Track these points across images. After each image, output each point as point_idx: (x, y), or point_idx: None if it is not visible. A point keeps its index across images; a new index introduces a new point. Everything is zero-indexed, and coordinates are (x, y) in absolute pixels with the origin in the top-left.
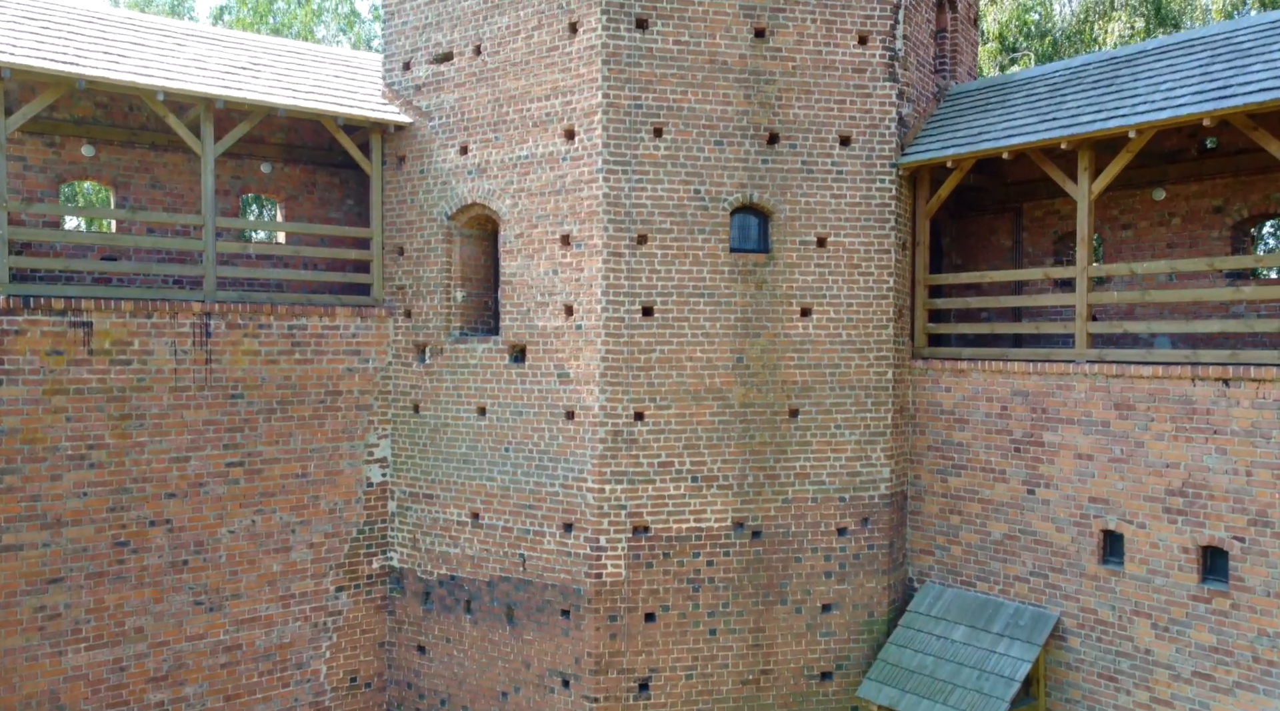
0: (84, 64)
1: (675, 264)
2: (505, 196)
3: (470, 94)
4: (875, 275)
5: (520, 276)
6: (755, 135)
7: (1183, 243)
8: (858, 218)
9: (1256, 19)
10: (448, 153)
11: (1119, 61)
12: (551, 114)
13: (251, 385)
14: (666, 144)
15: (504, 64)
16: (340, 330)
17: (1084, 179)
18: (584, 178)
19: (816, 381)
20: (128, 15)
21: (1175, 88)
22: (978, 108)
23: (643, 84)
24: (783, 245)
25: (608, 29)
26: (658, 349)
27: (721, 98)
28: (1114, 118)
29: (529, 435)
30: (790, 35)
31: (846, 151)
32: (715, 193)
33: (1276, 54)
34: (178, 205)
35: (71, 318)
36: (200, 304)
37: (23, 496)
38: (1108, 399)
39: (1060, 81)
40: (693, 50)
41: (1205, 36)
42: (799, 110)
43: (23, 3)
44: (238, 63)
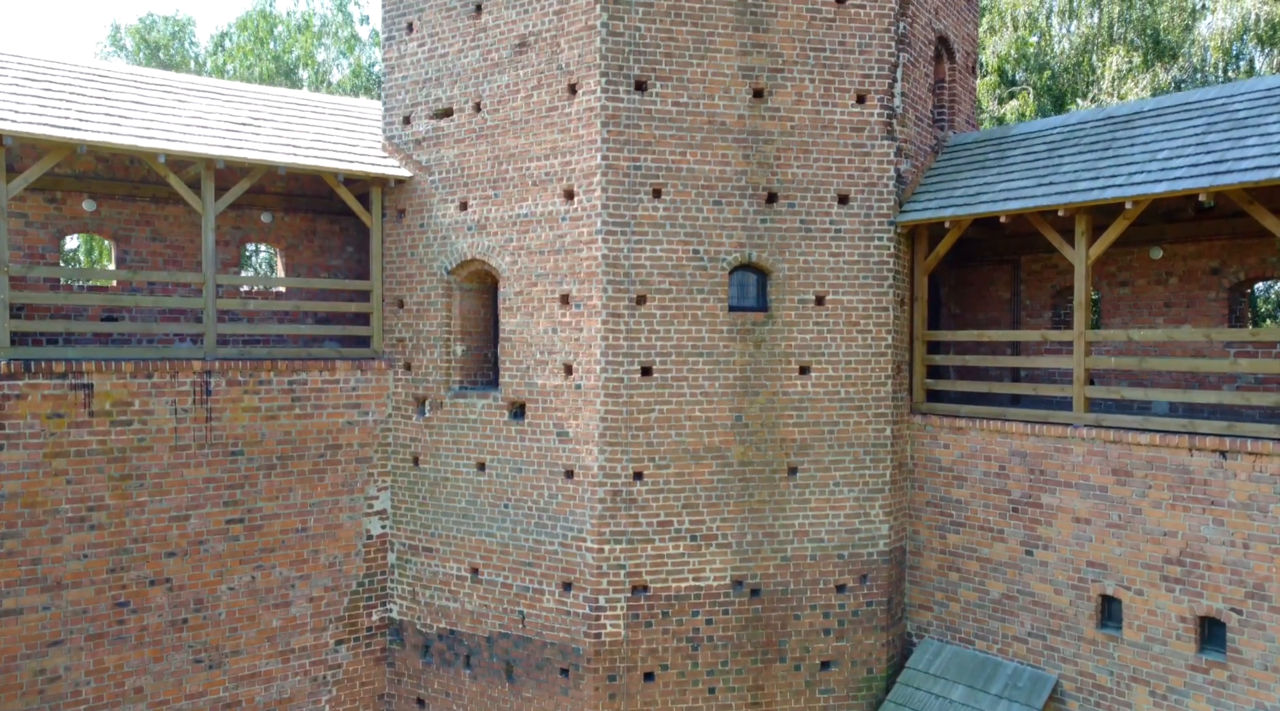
0: (86, 127)
1: (674, 324)
2: (505, 254)
3: (470, 150)
4: (873, 332)
5: (520, 334)
6: (754, 195)
7: (1180, 302)
8: (856, 275)
9: (1251, 85)
10: (448, 208)
11: (1116, 122)
12: (551, 173)
13: (252, 441)
14: (665, 204)
15: (503, 122)
16: (340, 384)
17: (1081, 243)
18: (583, 238)
19: (815, 439)
20: (130, 72)
21: (1172, 157)
22: (975, 163)
23: (642, 145)
24: (781, 304)
25: (607, 91)
26: (657, 408)
27: (720, 158)
28: (1111, 186)
29: (528, 492)
30: (789, 95)
31: (845, 210)
32: (714, 252)
33: (1272, 127)
34: (178, 257)
35: (72, 380)
36: (201, 362)
37: (23, 560)
38: (1105, 464)
39: (1058, 139)
40: (692, 111)
41: (1201, 101)
42: (797, 169)
43: (26, 62)
44: (238, 118)
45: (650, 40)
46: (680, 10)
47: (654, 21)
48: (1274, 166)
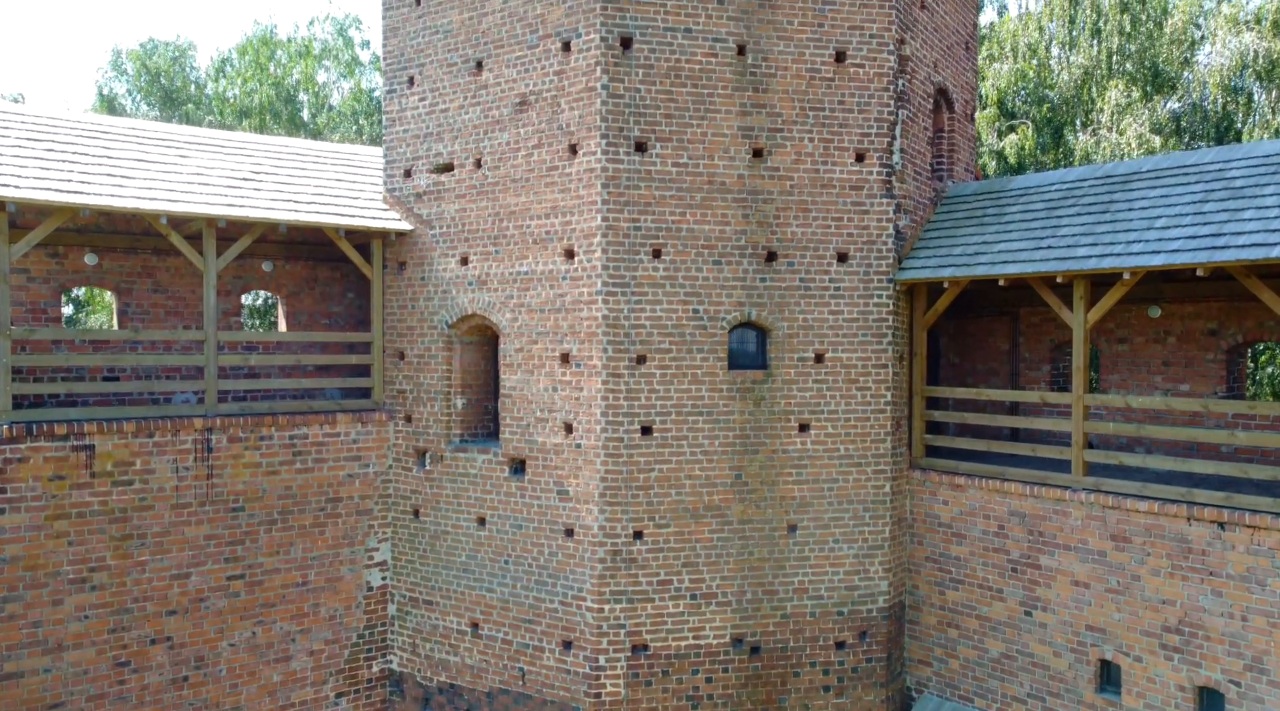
0: (88, 190)
1: (674, 383)
2: (505, 310)
3: (471, 206)
4: (873, 389)
5: (520, 391)
6: (753, 254)
7: (1178, 361)
8: (855, 333)
9: (1248, 151)
10: (448, 262)
11: (1114, 182)
12: (551, 232)
13: (252, 497)
14: (665, 264)
15: (504, 179)
16: (341, 437)
17: (1079, 307)
18: (583, 298)
19: (815, 496)
20: (131, 127)
21: (1169, 226)
22: (974, 218)
23: (642, 206)
24: (781, 362)
25: (607, 153)
26: (657, 467)
27: (720, 217)
28: (1109, 255)
29: (528, 549)
30: (788, 154)
31: (844, 268)
32: (714, 312)
33: (1269, 199)
34: (180, 308)
35: (74, 442)
36: (202, 419)
37: (24, 623)
38: (1104, 529)
39: (1057, 197)
40: (691, 172)
41: (1198, 166)
42: (797, 228)
43: (29, 120)
44: (240, 172)
45: (650, 102)
46: (680, 72)
47: (654, 83)
48: (1270, 244)
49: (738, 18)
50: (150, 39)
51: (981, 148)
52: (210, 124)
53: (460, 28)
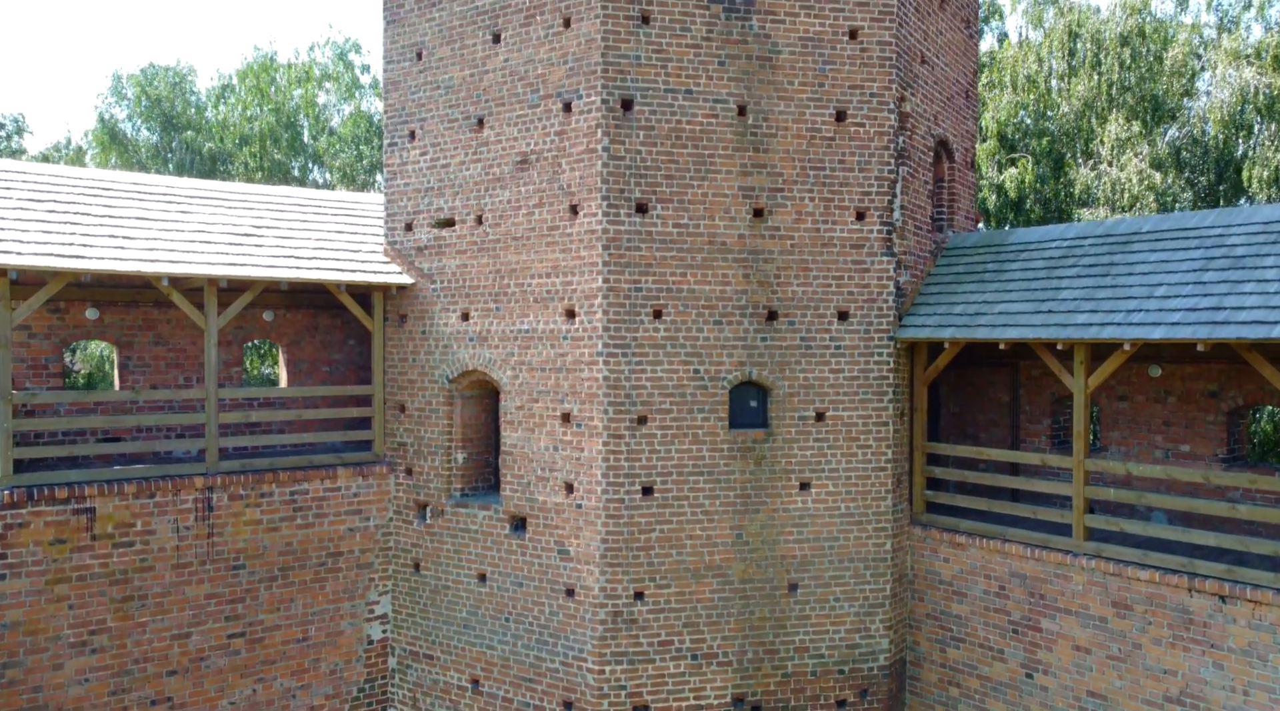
0: (90, 253)
1: (675, 443)
2: (506, 367)
3: (472, 262)
4: (874, 447)
5: (521, 448)
6: (754, 313)
7: (1179, 422)
8: (856, 391)
9: (1248, 216)
10: (449, 317)
11: (1114, 242)
12: (552, 292)
13: (253, 554)
14: (666, 325)
15: (505, 237)
16: (341, 491)
17: (1080, 373)
18: (584, 359)
19: (815, 555)
20: (133, 182)
21: (1170, 295)
22: (974, 274)
23: (643, 267)
24: (781, 421)
25: (608, 214)
26: (657, 528)
27: (721, 278)
28: (1109, 324)
29: (529, 607)
30: (789, 214)
31: (844, 326)
32: (714, 371)
33: (1269, 271)
34: (181, 360)
35: (75, 505)
36: (203, 478)
37: (24, 688)
38: (1105, 595)
39: (1057, 256)
40: (692, 232)
41: (1199, 229)
42: (797, 287)
43: (30, 179)
44: (241, 227)
45: (651, 163)
46: (681, 133)
47: (655, 144)
48: (1271, 322)
49: (738, 78)
50: (151, 64)
51: (981, 180)
52: (210, 150)
53: (461, 84)
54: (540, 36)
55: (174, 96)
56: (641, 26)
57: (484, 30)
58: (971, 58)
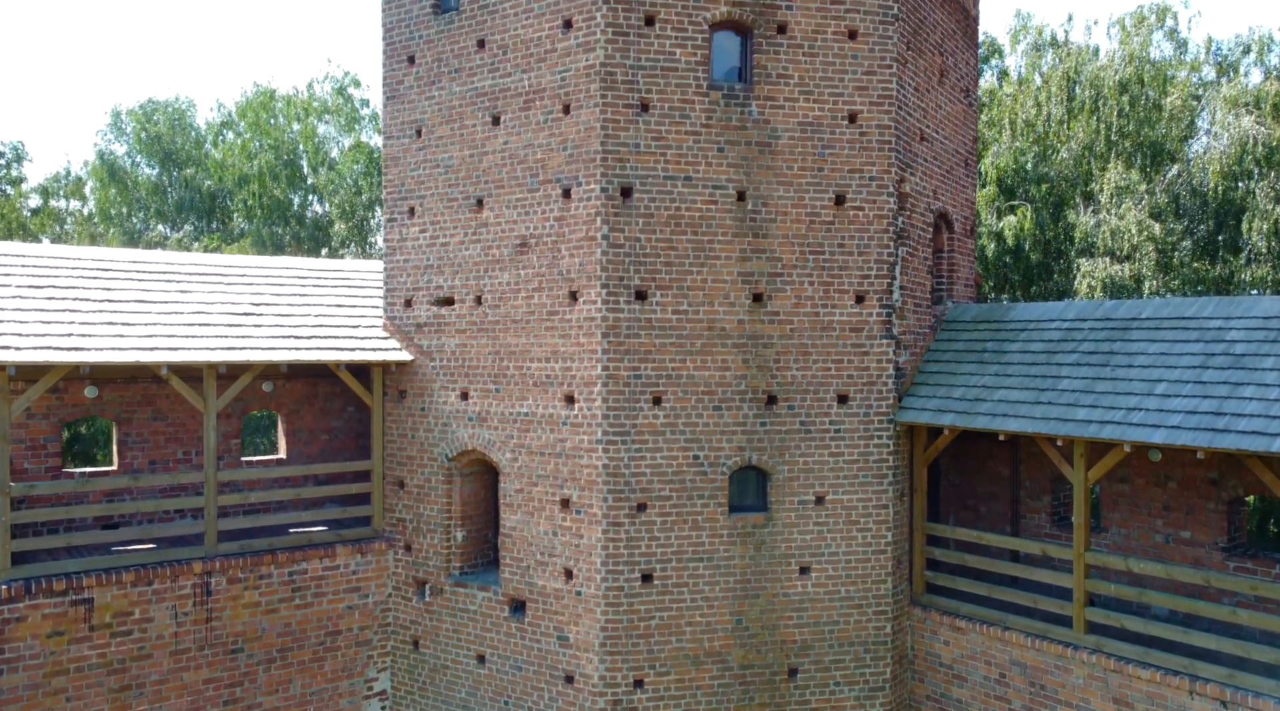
0: (89, 344)
1: (675, 530)
2: (505, 449)
3: (471, 342)
4: (873, 530)
5: (520, 532)
6: (754, 398)
7: (1179, 507)
8: (856, 474)
9: (1248, 309)
10: (449, 395)
11: (1114, 327)
12: (552, 376)
13: (252, 637)
14: (666, 412)
15: (504, 319)
16: (340, 569)
17: (1080, 466)
18: (584, 446)
19: (815, 639)
20: (132, 260)
21: (1169, 393)
22: (974, 353)
23: (642, 354)
24: (781, 505)
25: (608, 302)
26: (657, 615)
27: (720, 363)
28: (1109, 422)
29: (528, 692)
30: (788, 298)
31: (844, 409)
32: (714, 457)
33: (1269, 374)
34: (180, 434)
35: (73, 596)
36: (201, 563)
37: None
38: (1106, 691)
39: (1056, 338)
40: (691, 319)
41: (1198, 319)
42: (797, 371)
43: (30, 263)
44: (240, 305)
45: (651, 250)
46: (680, 220)
47: (654, 231)
48: (1271, 434)
49: (738, 164)
50: (149, 99)
51: (980, 227)
52: (209, 188)
53: (461, 164)
54: (539, 121)
55: (173, 133)
56: (641, 114)
57: (483, 112)
58: (971, 126)
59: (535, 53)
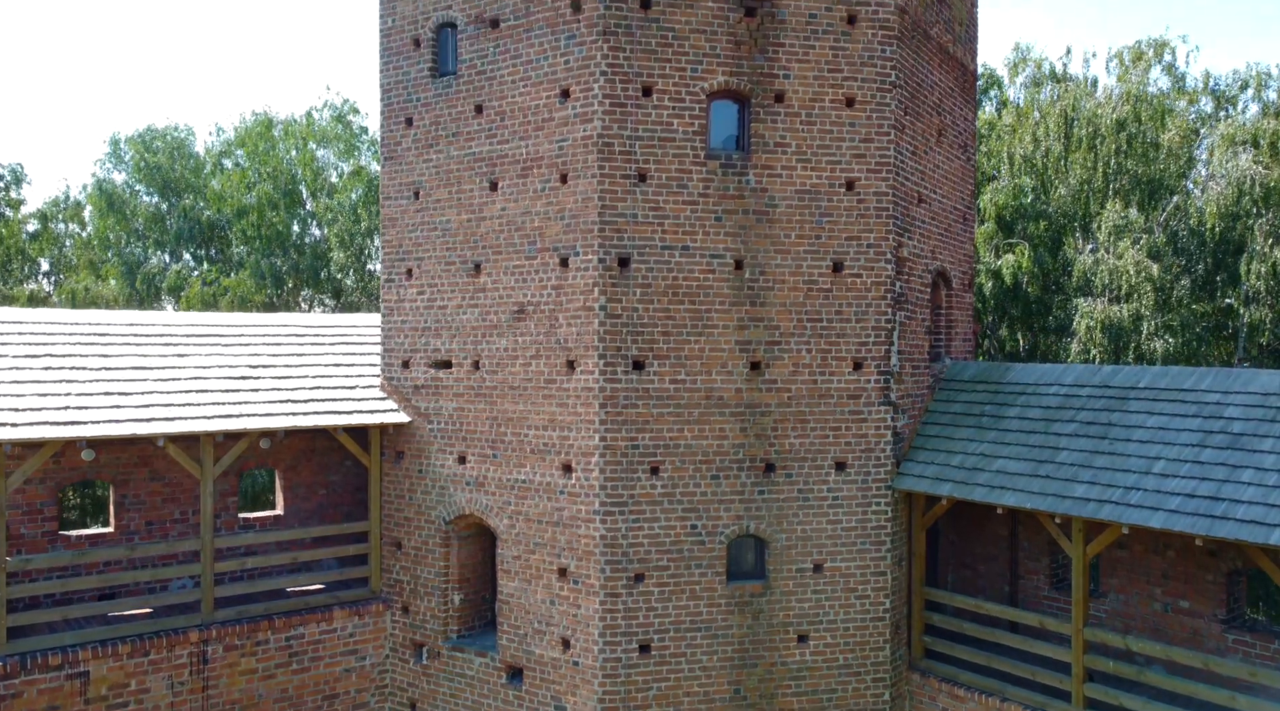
0: (85, 417)
1: (672, 600)
2: (503, 515)
3: (469, 406)
4: (872, 597)
5: (517, 599)
6: (751, 467)
7: (1178, 576)
8: (854, 541)
9: (1245, 384)
10: (446, 459)
11: (1112, 396)
12: (549, 445)
13: (248, 705)
14: (663, 481)
15: (502, 385)
16: (338, 632)
17: (1078, 540)
18: (581, 515)
19: (814, 708)
20: (129, 323)
21: (1167, 473)
22: (972, 416)
23: (640, 424)
24: (779, 573)
25: (605, 372)
26: (655, 686)
27: (718, 432)
28: (1107, 502)
29: None
30: (786, 366)
31: (842, 477)
32: (712, 527)
33: (1267, 457)
34: (177, 494)
35: (69, 670)
36: (198, 631)
37: None
38: None
39: (1054, 405)
40: (689, 388)
41: (1196, 391)
42: (794, 439)
43: (27, 331)
44: (238, 368)
45: (648, 319)
46: (678, 289)
47: (652, 301)
48: (1270, 525)
49: (735, 233)
50: (149, 126)
51: (979, 265)
52: (209, 218)
53: (459, 228)
54: (537, 189)
55: (172, 162)
56: (639, 184)
57: (481, 177)
58: (969, 180)
59: (533, 121)
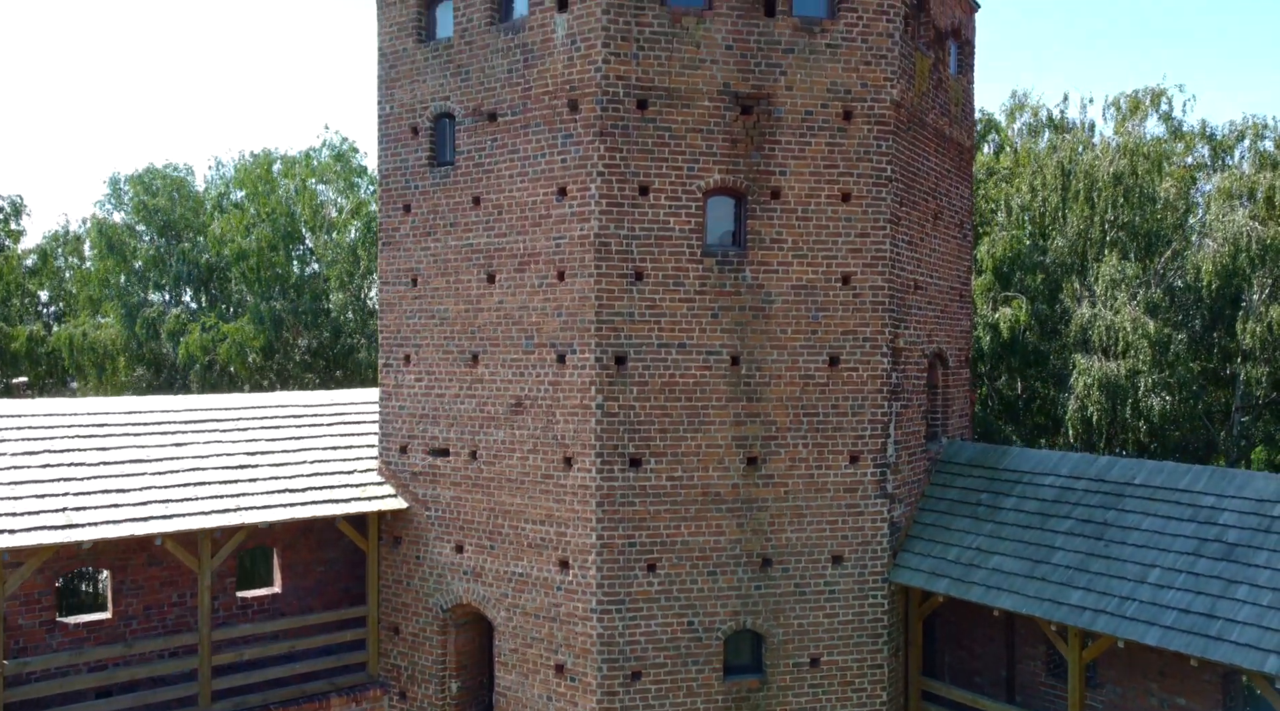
0: (83, 518)
1: (669, 697)
2: (500, 607)
3: (466, 496)
4: (869, 690)
5: (514, 692)
6: (748, 562)
7: (1174, 673)
8: (850, 635)
9: (1240, 487)
10: (443, 547)
11: (1108, 491)
12: (546, 540)
13: None
14: (660, 578)
15: (499, 477)
16: None
17: (1074, 645)
18: (578, 612)
19: None
20: (128, 412)
21: (1163, 583)
22: (968, 504)
23: (636, 522)
24: (776, 668)
25: (602, 471)
26: None
27: (715, 528)
28: (1103, 612)
29: None
30: (782, 462)
31: (839, 570)
32: (709, 623)
33: (1262, 573)
34: (175, 577)
35: None
36: None
37: None
38: None
39: (1050, 498)
40: (686, 485)
41: (1191, 493)
42: (791, 534)
43: (25, 428)
44: (235, 457)
45: (645, 417)
46: (675, 387)
47: (649, 399)
48: (1264, 650)
49: (732, 330)
50: (149, 166)
51: (977, 317)
52: (208, 261)
53: (457, 318)
54: (534, 284)
55: (172, 205)
56: (635, 283)
57: (479, 268)
58: (966, 256)
59: (530, 216)
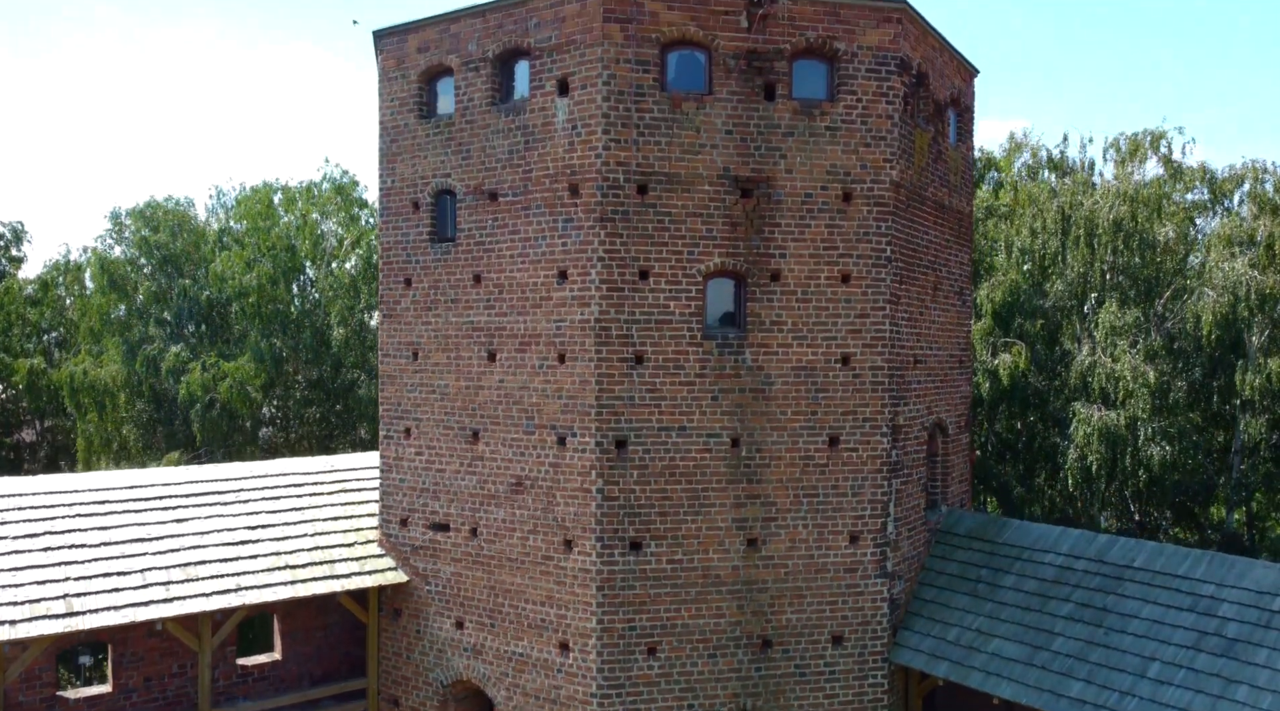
0: (82, 605)
1: None
2: (501, 686)
3: (466, 573)
4: None
5: None
6: (748, 644)
7: None
8: None
9: (1239, 577)
10: (444, 622)
11: (1108, 574)
12: (546, 622)
13: None
14: (660, 662)
15: (500, 556)
16: None
17: None
18: (578, 697)
19: None
20: (129, 486)
21: (1162, 679)
22: (968, 581)
23: (637, 606)
24: None
25: (602, 555)
26: None
27: (715, 611)
28: (1103, 708)
29: None
30: (782, 543)
31: (839, 651)
32: (709, 706)
33: (1261, 672)
34: (175, 648)
35: None
36: None
37: None
38: None
39: (1050, 578)
40: (686, 567)
41: (1190, 581)
42: (791, 615)
43: (26, 507)
44: (236, 532)
45: (645, 501)
46: (675, 470)
47: (649, 483)
48: None
49: (732, 412)
50: (150, 199)
51: (976, 364)
52: (209, 298)
53: (457, 394)
54: (535, 365)
55: (173, 239)
56: (635, 367)
57: (479, 346)
58: (965, 323)
59: (531, 297)
